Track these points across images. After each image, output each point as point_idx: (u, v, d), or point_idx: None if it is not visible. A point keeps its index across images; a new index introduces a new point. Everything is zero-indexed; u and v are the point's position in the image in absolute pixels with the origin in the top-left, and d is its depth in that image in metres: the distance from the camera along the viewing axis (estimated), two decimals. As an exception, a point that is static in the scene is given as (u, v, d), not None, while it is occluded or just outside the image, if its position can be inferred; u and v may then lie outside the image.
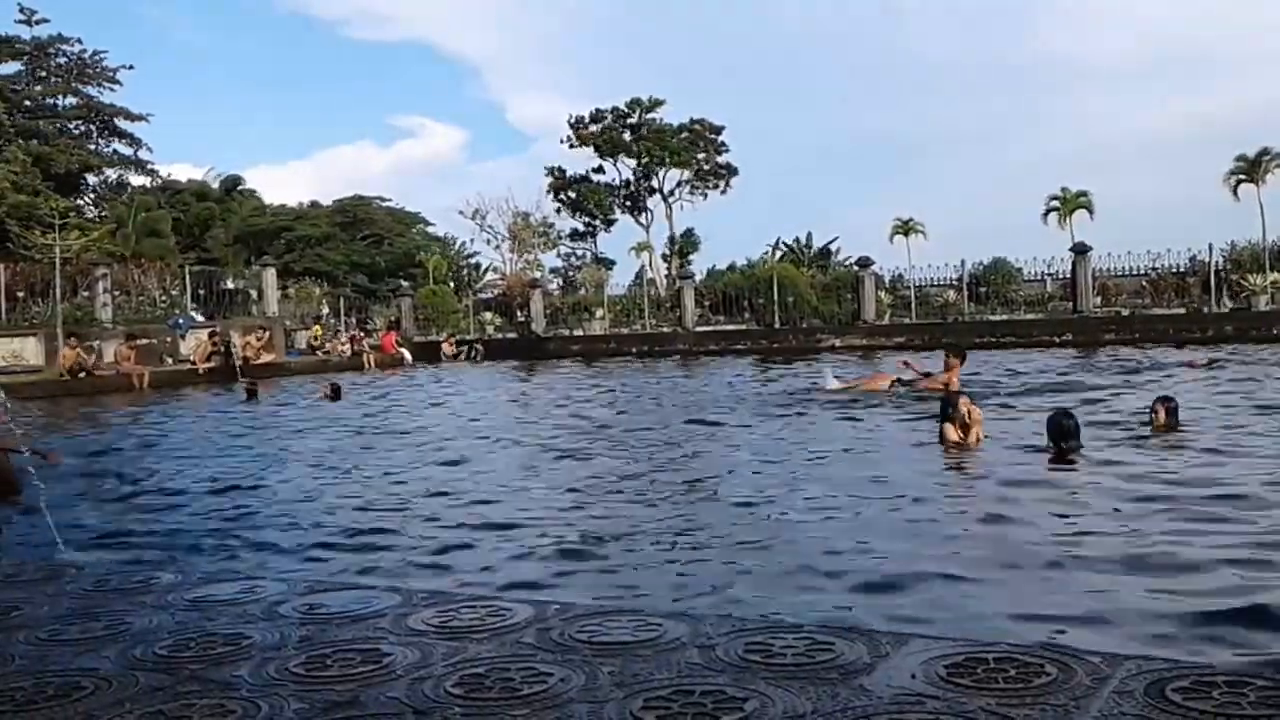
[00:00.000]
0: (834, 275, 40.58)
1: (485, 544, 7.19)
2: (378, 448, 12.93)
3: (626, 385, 22.64)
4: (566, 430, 14.12)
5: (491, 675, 2.87)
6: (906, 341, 31.40)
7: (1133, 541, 6.47)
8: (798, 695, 2.61)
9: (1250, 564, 5.81)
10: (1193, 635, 4.72)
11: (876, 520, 7.41)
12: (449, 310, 43.75)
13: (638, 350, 35.39)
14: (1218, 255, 34.11)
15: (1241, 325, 28.85)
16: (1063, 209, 53.11)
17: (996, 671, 2.71)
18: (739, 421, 14.07)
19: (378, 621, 3.46)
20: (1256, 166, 48.52)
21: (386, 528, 7.89)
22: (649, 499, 8.64)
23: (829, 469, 9.89)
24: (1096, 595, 5.41)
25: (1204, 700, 2.45)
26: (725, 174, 65.10)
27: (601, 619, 3.37)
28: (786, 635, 3.10)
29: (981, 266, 38.05)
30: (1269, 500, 7.42)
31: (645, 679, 2.78)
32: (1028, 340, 30.21)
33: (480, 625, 3.34)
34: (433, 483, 9.95)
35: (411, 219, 68.21)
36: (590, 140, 64.24)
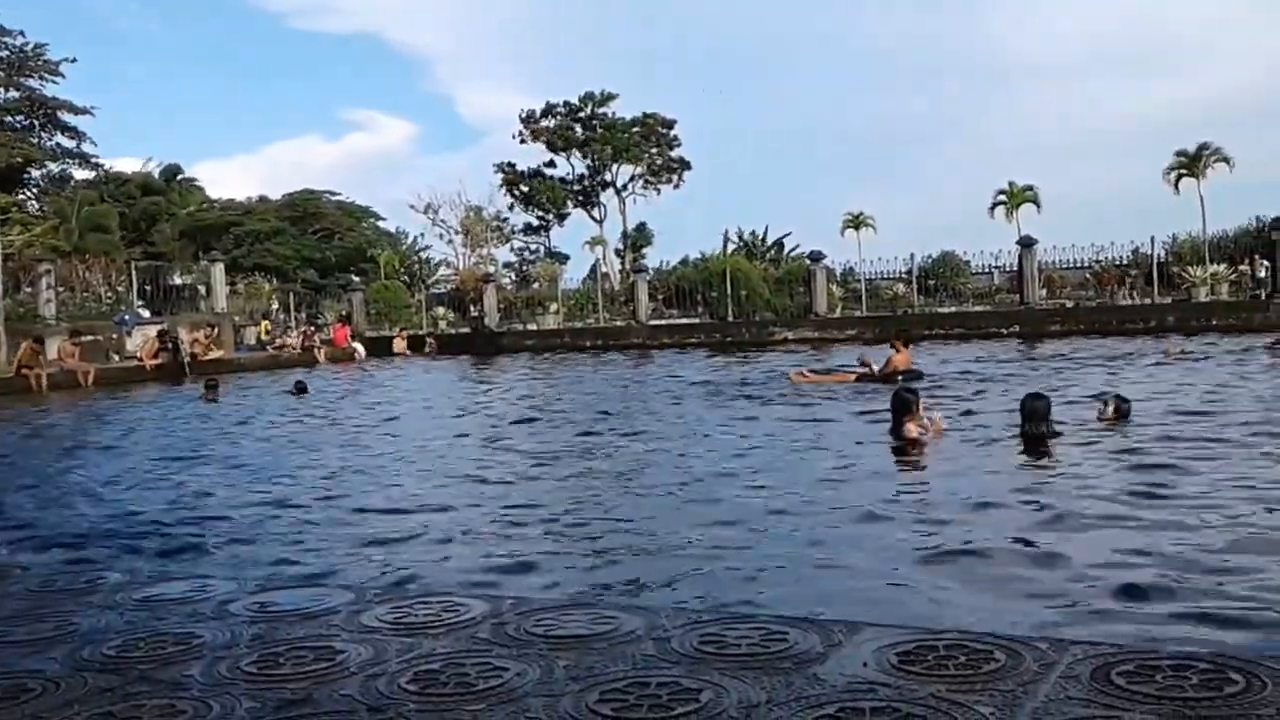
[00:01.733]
0: (786, 269, 40.77)
1: (440, 539, 7.16)
2: (332, 444, 12.83)
3: (583, 378, 22.63)
4: (522, 425, 14.09)
5: (446, 671, 2.87)
6: (857, 334, 31.64)
7: (1075, 532, 6.58)
8: (752, 685, 2.63)
9: (1187, 559, 5.93)
10: (1137, 621, 4.81)
11: (829, 512, 7.47)
12: (401, 305, 43.44)
13: (592, 345, 35.35)
14: (1159, 248, 34.71)
15: (1183, 316, 29.38)
16: (1009, 203, 53.68)
17: (947, 659, 2.75)
18: (700, 413, 14.12)
19: (330, 619, 3.44)
20: (1196, 161, 49.34)
21: (341, 524, 7.84)
22: (608, 493, 8.65)
23: (785, 459, 9.97)
24: (1040, 583, 5.49)
25: (1148, 684, 2.51)
26: (678, 168, 65.22)
27: (557, 613, 3.38)
28: (741, 626, 3.13)
29: (930, 260, 38.43)
30: (1208, 494, 7.59)
31: (601, 672, 2.79)
32: (976, 332, 30.54)
33: (435, 621, 3.33)
34: (381, 478, 9.90)
35: (362, 213, 67.59)
36: (542, 135, 64.07)
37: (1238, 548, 5.95)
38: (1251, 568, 5.57)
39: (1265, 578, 5.37)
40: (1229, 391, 13.49)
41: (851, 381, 17.02)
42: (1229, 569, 5.55)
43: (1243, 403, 12.27)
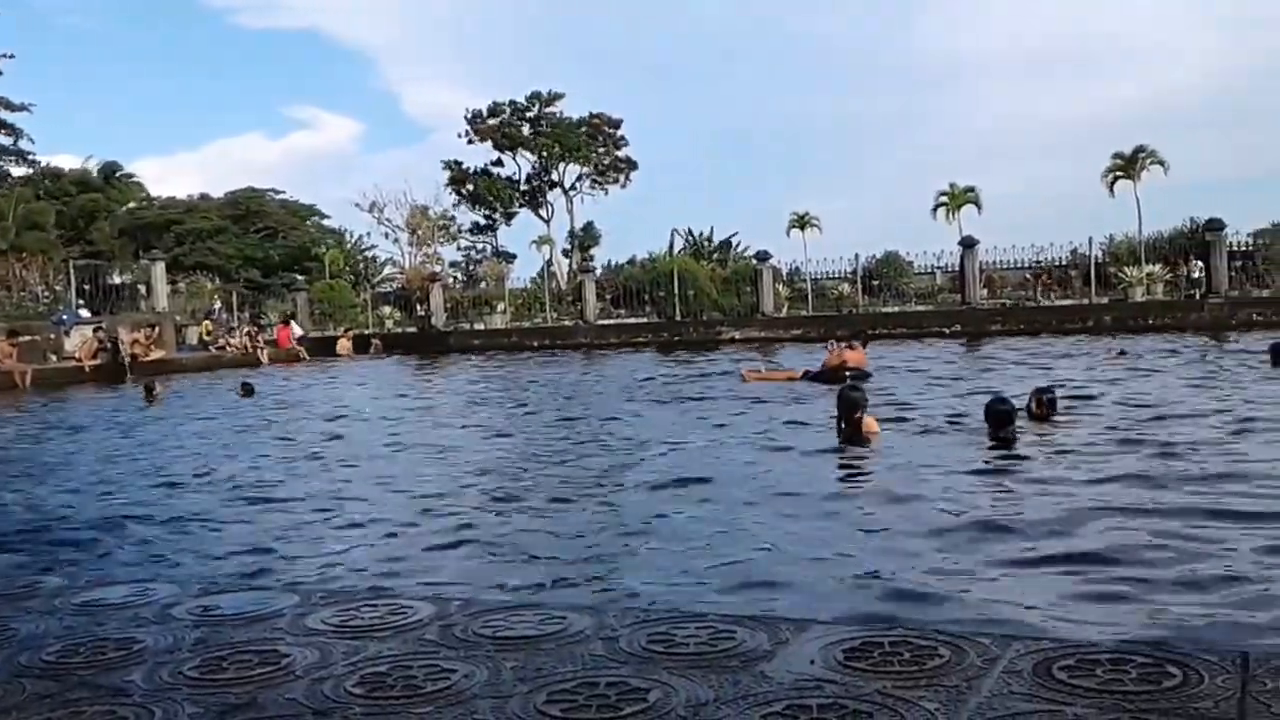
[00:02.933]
0: (733, 269, 40.95)
1: (388, 541, 7.12)
2: (278, 447, 12.69)
3: (534, 379, 22.57)
4: (472, 426, 14.03)
5: (393, 674, 2.85)
6: (803, 334, 31.87)
7: (1019, 526, 6.68)
8: (700, 684, 2.65)
9: (1124, 556, 6.05)
10: (1077, 615, 4.90)
11: (775, 509, 7.52)
12: (346, 304, 43.03)
13: (539, 344, 35.28)
14: (1097, 249, 35.35)
15: (1120, 315, 29.94)
16: (951, 204, 54.41)
17: (892, 655, 2.78)
18: (651, 411, 14.15)
19: (275, 622, 3.40)
20: (1132, 164, 50.34)
21: (286, 527, 7.75)
22: (561, 494, 8.63)
23: (731, 456, 10.02)
24: (984, 578, 5.57)
25: (1088, 678, 2.55)
26: (625, 168, 65.24)
27: (505, 614, 3.37)
28: (689, 625, 3.13)
29: (875, 260, 38.86)
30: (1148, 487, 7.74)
31: (549, 672, 2.79)
32: (919, 331, 30.91)
33: (381, 623, 3.30)
34: (332, 480, 9.81)
35: (306, 212, 66.91)
36: (488, 134, 63.78)
37: (1165, 544, 6.08)
38: (1182, 562, 5.69)
39: (1198, 568, 5.49)
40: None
41: (799, 379, 17.15)
42: (1160, 563, 5.67)
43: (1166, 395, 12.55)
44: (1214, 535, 6.21)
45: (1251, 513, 6.69)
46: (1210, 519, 6.59)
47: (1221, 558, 5.73)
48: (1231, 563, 5.62)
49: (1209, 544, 6.03)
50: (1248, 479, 7.78)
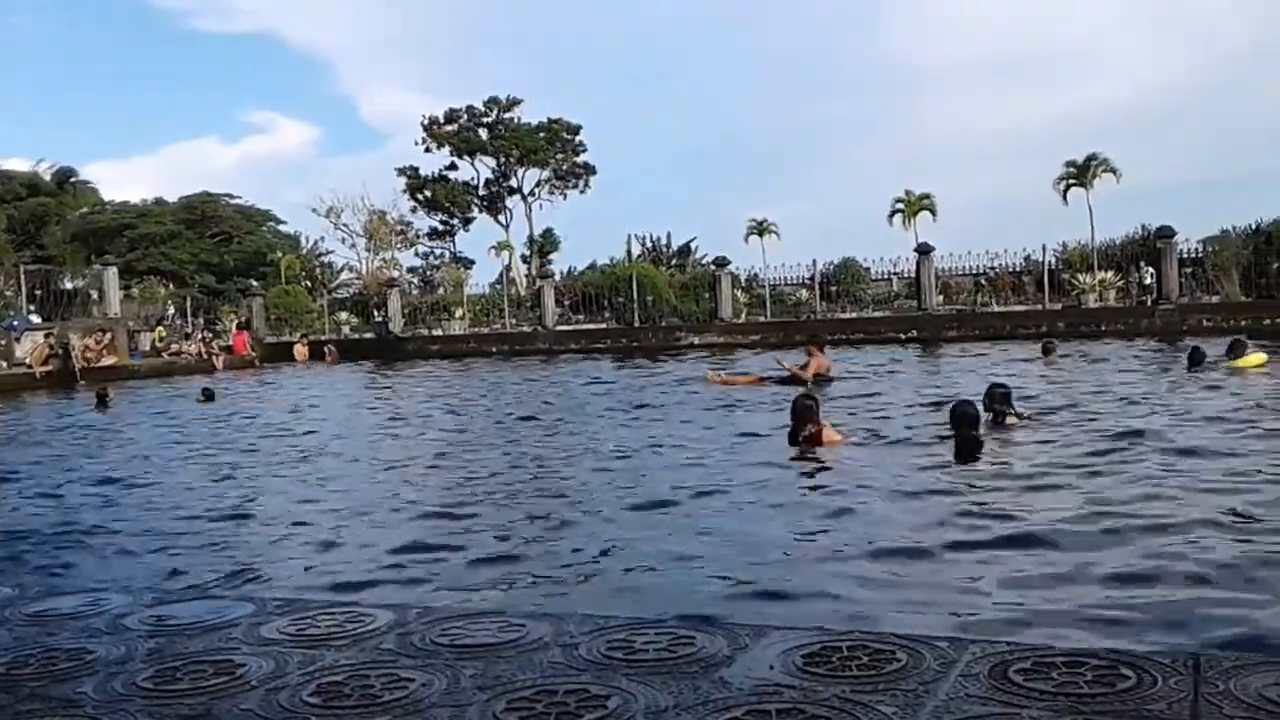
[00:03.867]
0: (692, 274, 41.06)
1: (345, 550, 7.06)
2: (232, 454, 12.56)
3: (492, 384, 22.49)
4: (426, 433, 13.95)
5: (350, 683, 2.82)
6: (761, 339, 31.99)
7: (974, 531, 6.74)
8: (659, 690, 2.64)
9: (1080, 558, 6.12)
10: (1031, 619, 4.95)
11: (732, 515, 7.54)
12: (302, 310, 42.64)
13: (498, 350, 35.16)
14: (1050, 255, 35.77)
15: (1072, 321, 30.31)
16: (907, 210, 54.81)
17: (850, 660, 2.79)
18: (611, 417, 14.14)
19: (230, 631, 3.36)
20: (1085, 172, 50.96)
21: (242, 535, 7.67)
22: (519, 503, 8.60)
23: (687, 465, 10.03)
24: (940, 582, 5.62)
25: (1044, 680, 2.58)
26: (584, 173, 65.21)
27: (464, 621, 3.35)
28: (648, 631, 3.13)
29: (832, 266, 39.11)
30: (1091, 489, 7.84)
31: (508, 680, 2.78)
32: (876, 337, 31.12)
33: (338, 632, 3.27)
34: (288, 488, 9.72)
35: (262, 216, 66.19)
36: (446, 140, 63.52)
37: (1124, 545, 6.16)
38: (1139, 562, 5.77)
39: (1154, 566, 5.56)
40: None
41: (757, 383, 17.22)
42: (1114, 565, 5.75)
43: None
44: (1169, 537, 6.30)
45: (1191, 521, 6.80)
46: (1163, 520, 6.69)
47: (1177, 559, 5.81)
48: (1186, 565, 5.70)
49: (1162, 544, 6.11)
50: (1191, 479, 7.91)
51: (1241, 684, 2.48)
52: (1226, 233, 33.43)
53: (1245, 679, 2.51)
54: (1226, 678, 2.53)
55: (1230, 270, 31.33)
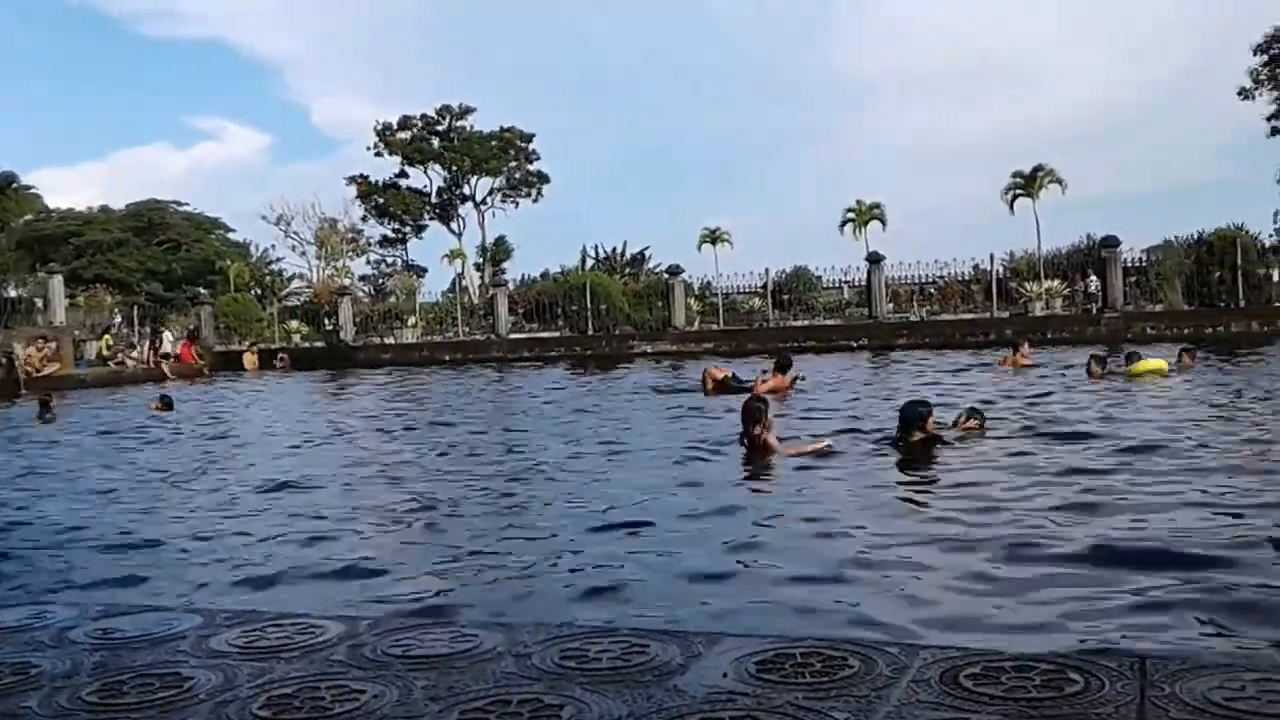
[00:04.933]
0: (645, 283, 41.13)
1: (296, 561, 6.97)
2: (179, 463, 12.38)
3: (444, 394, 22.36)
4: (380, 444, 13.85)
5: (300, 695, 2.79)
6: (714, 348, 32.08)
7: (924, 535, 6.80)
8: (613, 699, 2.64)
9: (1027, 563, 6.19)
10: (981, 624, 5.00)
11: (679, 524, 7.54)
12: (252, 319, 42.17)
13: (451, 358, 34.98)
14: (998, 264, 36.24)
15: (1020, 329, 30.70)
16: (857, 220, 55.34)
17: (804, 666, 2.80)
18: (560, 425, 14.10)
19: (178, 644, 3.30)
20: (1032, 182, 51.74)
21: (191, 547, 7.56)
22: (469, 511, 8.56)
23: (636, 471, 10.03)
24: (893, 587, 5.66)
25: (994, 685, 2.60)
26: (536, 182, 65.17)
27: (416, 632, 3.32)
28: (602, 640, 3.12)
29: (785, 274, 39.35)
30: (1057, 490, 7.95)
31: (461, 691, 2.76)
32: (828, 345, 31.32)
33: (288, 644, 3.23)
34: (238, 498, 9.59)
35: (211, 224, 65.51)
36: (398, 148, 63.19)
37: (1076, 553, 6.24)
38: (1079, 567, 5.85)
39: (1094, 574, 5.64)
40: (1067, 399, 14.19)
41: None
42: (1058, 568, 5.82)
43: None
44: (1114, 539, 6.40)
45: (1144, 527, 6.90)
46: (1108, 522, 6.79)
47: (1118, 565, 5.89)
48: (1124, 570, 5.78)
49: (1106, 547, 6.20)
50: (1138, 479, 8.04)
51: (1187, 687, 2.52)
52: (1170, 242, 34.11)
53: (1190, 682, 2.55)
54: (1172, 680, 2.57)
55: (1173, 279, 31.92)
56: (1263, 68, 44.75)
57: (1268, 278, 31.02)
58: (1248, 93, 45.30)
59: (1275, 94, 44.81)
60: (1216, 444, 9.97)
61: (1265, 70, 44.71)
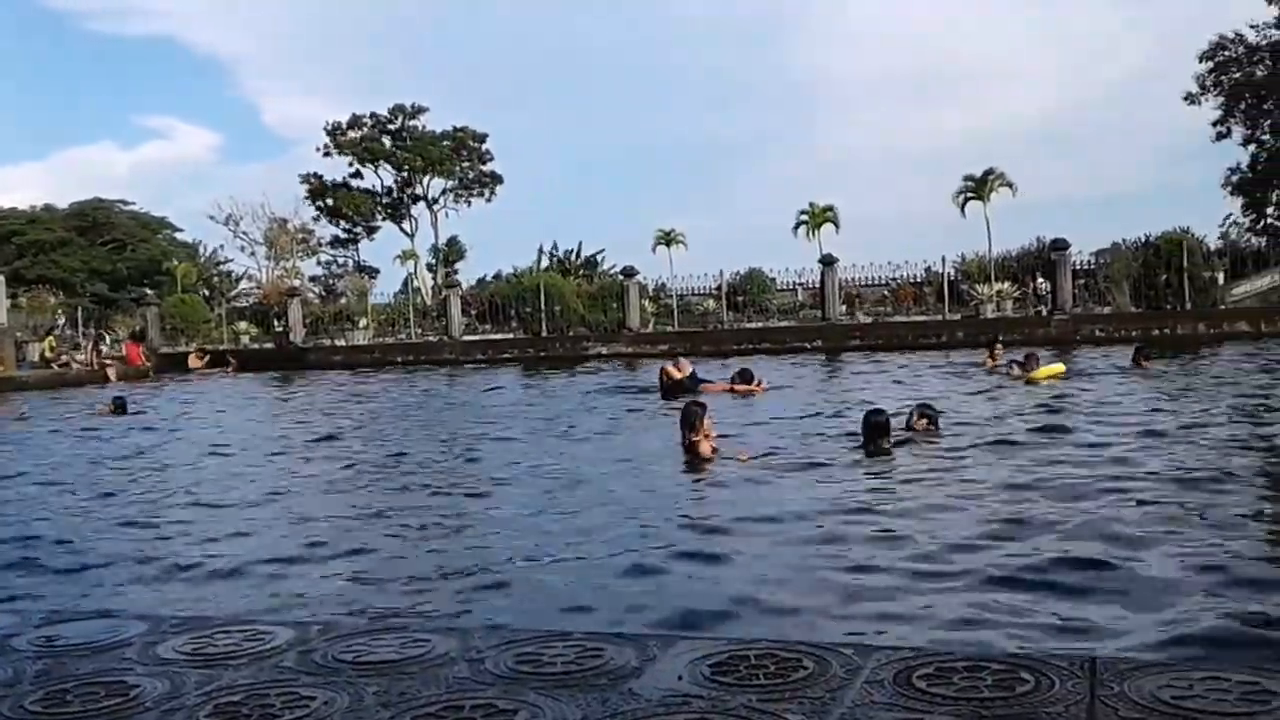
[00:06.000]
0: (600, 284, 41.08)
1: (244, 566, 6.88)
2: (124, 468, 12.19)
3: (396, 397, 22.20)
4: (329, 448, 13.72)
5: (249, 702, 2.74)
6: (669, 349, 32.07)
7: (866, 540, 6.85)
8: (568, 704, 2.62)
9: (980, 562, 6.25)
10: (935, 624, 5.04)
11: (621, 527, 7.54)
12: (199, 320, 41.63)
13: (403, 360, 34.71)
14: (950, 267, 36.62)
15: (971, 330, 31.03)
16: (811, 222, 55.70)
17: (758, 668, 2.80)
18: (505, 428, 14.05)
19: (124, 651, 3.24)
20: (983, 185, 52.39)
21: (137, 552, 7.44)
22: (421, 517, 8.49)
23: (582, 475, 10.02)
24: (844, 589, 5.69)
25: (946, 685, 2.62)
26: (490, 182, 64.92)
27: (367, 637, 3.28)
28: (556, 644, 3.10)
29: (739, 276, 39.51)
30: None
31: (413, 697, 2.72)
32: (781, 347, 31.45)
33: (237, 650, 3.18)
34: (184, 504, 9.47)
35: (158, 224, 64.60)
36: (349, 147, 62.68)
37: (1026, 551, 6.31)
38: (1026, 567, 5.92)
39: (1044, 576, 5.71)
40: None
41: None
42: (1005, 567, 5.89)
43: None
44: (1064, 540, 6.48)
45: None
46: (1054, 523, 6.87)
47: (1064, 565, 5.97)
48: (1073, 569, 5.86)
49: (1059, 550, 6.28)
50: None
51: (1136, 685, 2.55)
52: (1118, 245, 34.58)
53: (1139, 680, 2.58)
54: (1121, 679, 2.60)
55: (1121, 282, 32.39)
56: (1208, 74, 45.57)
57: (1213, 280, 31.59)
58: (1194, 98, 46.11)
59: (1220, 100, 45.63)
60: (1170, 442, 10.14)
61: (1211, 76, 45.53)
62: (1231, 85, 45.22)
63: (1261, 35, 44.22)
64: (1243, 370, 18.17)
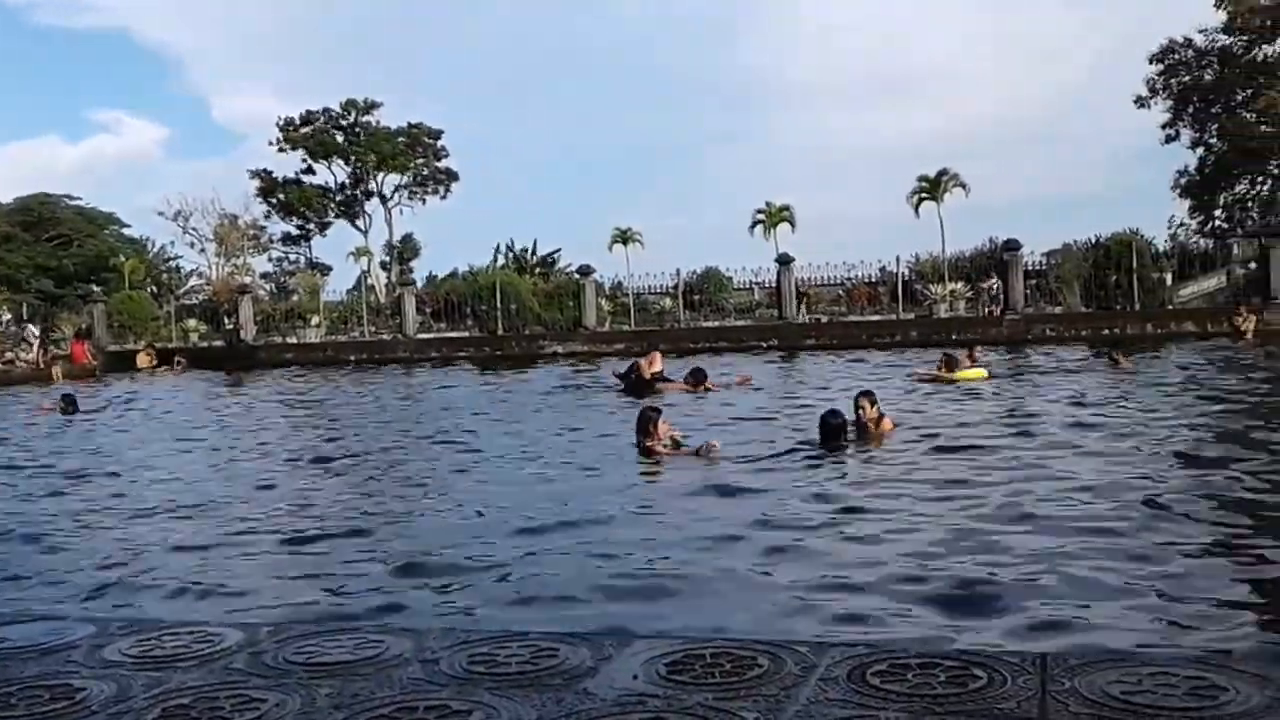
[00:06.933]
0: (556, 283, 40.94)
1: (193, 567, 6.79)
2: (72, 468, 11.99)
3: (351, 396, 22.01)
4: (281, 448, 13.58)
5: (198, 705, 2.70)
6: (626, 348, 32.05)
7: (824, 537, 6.89)
8: (522, 704, 2.61)
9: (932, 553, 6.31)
10: (887, 622, 5.07)
11: (583, 528, 7.52)
12: (147, 318, 40.97)
13: (356, 358, 34.42)
14: (904, 267, 36.90)
15: (924, 330, 31.30)
16: (767, 221, 55.89)
17: (713, 666, 2.80)
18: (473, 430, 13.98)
19: (69, 654, 3.18)
20: (936, 186, 52.84)
21: (84, 553, 7.32)
22: (370, 521, 8.42)
23: (533, 475, 9.99)
24: (798, 588, 5.71)
25: (900, 682, 2.63)
26: (445, 179, 64.51)
27: (319, 639, 3.24)
28: (511, 644, 3.09)
29: (696, 275, 39.55)
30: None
31: (366, 698, 2.70)
32: (737, 346, 31.54)
33: (185, 653, 3.13)
34: (132, 504, 9.33)
35: (105, 219, 63.46)
36: (301, 142, 62.02)
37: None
38: (983, 564, 5.97)
39: (998, 573, 5.77)
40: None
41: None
42: (959, 567, 5.94)
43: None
44: (1014, 540, 6.55)
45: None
46: (1011, 523, 6.95)
47: (1018, 564, 6.03)
48: (1024, 568, 5.92)
49: (1010, 547, 6.34)
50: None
51: (1086, 681, 2.58)
52: (1069, 246, 34.99)
53: (1089, 676, 2.61)
54: (1072, 675, 2.62)
55: (1072, 282, 32.82)
56: (1158, 76, 46.23)
57: (1161, 281, 32.09)
58: (1144, 101, 46.74)
59: (1170, 103, 46.30)
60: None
61: (1161, 79, 46.19)
62: (1180, 89, 45.90)
63: (1209, 39, 44.95)
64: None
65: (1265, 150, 43.25)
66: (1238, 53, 44.36)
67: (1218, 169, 45.88)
